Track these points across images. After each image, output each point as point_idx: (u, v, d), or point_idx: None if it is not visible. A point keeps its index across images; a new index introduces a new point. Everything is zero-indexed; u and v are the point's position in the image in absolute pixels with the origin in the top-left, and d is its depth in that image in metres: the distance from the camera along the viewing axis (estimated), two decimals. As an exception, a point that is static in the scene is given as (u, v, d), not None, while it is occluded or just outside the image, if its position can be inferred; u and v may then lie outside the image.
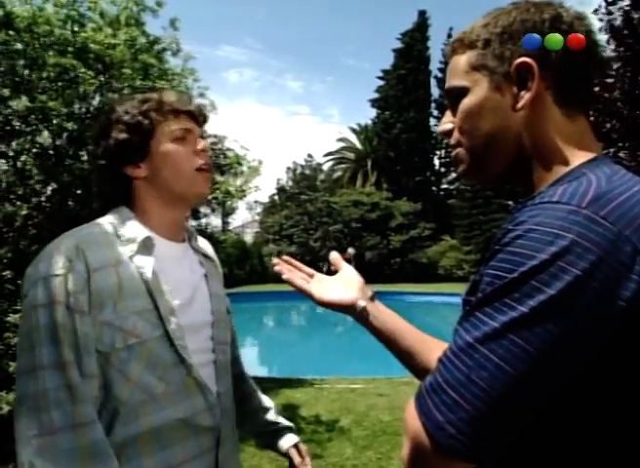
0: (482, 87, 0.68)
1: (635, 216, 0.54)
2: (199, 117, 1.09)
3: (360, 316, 0.88)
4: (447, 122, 0.75)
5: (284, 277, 0.94)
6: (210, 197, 4.68)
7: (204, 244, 1.21)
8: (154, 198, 1.04)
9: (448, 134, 0.74)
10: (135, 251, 0.97)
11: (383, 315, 0.88)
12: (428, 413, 0.55)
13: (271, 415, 1.26)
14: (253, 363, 8.21)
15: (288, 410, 4.43)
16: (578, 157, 0.65)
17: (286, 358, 9.53)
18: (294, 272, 0.96)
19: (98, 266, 0.91)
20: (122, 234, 0.98)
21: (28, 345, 0.86)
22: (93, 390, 0.88)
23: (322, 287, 0.92)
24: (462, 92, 0.70)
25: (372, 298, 0.91)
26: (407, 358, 0.85)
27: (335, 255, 0.98)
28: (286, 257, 0.98)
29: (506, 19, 0.67)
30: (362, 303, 0.88)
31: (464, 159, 0.73)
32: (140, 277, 0.95)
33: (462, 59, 0.71)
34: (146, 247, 0.98)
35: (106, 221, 1.01)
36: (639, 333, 0.52)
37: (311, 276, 0.96)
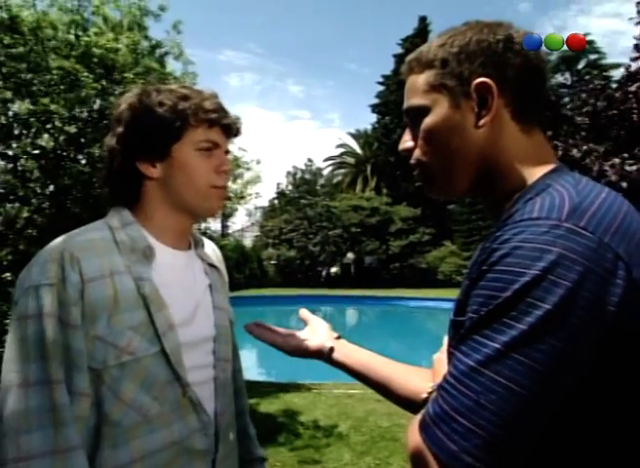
0: (442, 106, 0.69)
1: (610, 223, 0.56)
2: (232, 131, 1.04)
3: (329, 356, 0.94)
4: (408, 140, 0.75)
5: (253, 334, 1.00)
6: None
7: (211, 250, 1.15)
8: (162, 202, 0.98)
9: (409, 151, 0.75)
10: (134, 260, 0.91)
11: (353, 350, 0.94)
12: (440, 444, 0.53)
13: (251, 444, 1.20)
14: (251, 367, 8.18)
15: (286, 415, 4.35)
16: (538, 169, 0.68)
17: (284, 362, 9.43)
18: (265, 331, 1.02)
19: (93, 276, 0.86)
20: (121, 241, 0.93)
21: (15, 358, 0.81)
22: (82, 410, 0.83)
23: (292, 340, 0.99)
24: (423, 111, 0.71)
25: (338, 338, 0.98)
26: (385, 386, 0.87)
27: (303, 311, 1.08)
28: (258, 322, 1.03)
29: (462, 38, 0.69)
30: (328, 344, 0.95)
31: (428, 177, 0.74)
32: (137, 289, 0.89)
33: (421, 79, 0.71)
34: (146, 256, 0.93)
35: (105, 225, 0.95)
36: (630, 336, 0.54)
37: (282, 334, 1.02)
